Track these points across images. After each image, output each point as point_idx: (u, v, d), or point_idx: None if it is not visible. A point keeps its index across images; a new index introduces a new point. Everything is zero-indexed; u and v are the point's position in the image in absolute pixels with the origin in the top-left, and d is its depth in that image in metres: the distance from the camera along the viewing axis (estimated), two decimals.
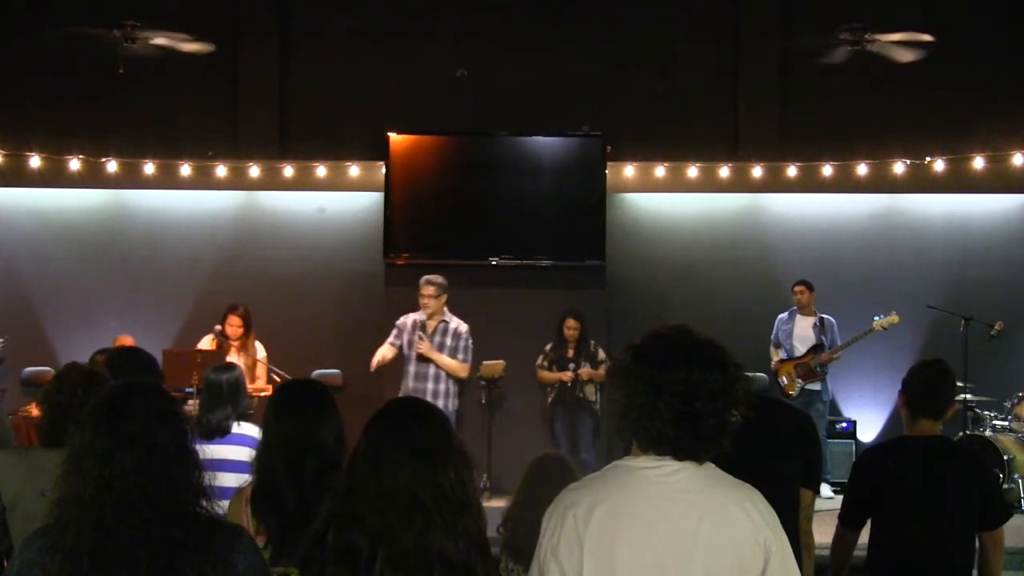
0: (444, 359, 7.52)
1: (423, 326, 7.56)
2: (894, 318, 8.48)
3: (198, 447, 4.14)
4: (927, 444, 3.79)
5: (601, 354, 8.38)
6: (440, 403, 7.48)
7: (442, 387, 7.57)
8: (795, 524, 3.60)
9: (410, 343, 7.59)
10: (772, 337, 9.01)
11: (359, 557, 2.21)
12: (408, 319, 7.67)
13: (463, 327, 7.64)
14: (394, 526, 2.21)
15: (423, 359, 7.53)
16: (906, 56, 9.08)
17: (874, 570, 3.80)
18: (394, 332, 7.71)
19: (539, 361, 8.52)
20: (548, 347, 8.52)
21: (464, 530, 2.27)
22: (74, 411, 3.32)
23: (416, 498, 2.23)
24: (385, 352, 7.65)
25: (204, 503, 2.28)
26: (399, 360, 7.89)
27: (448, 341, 7.56)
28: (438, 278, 7.62)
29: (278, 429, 3.07)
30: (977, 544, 3.82)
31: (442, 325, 7.59)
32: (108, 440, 2.20)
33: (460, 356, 7.57)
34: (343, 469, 2.35)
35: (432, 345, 7.50)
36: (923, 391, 3.83)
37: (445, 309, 7.66)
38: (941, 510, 3.67)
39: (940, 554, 3.67)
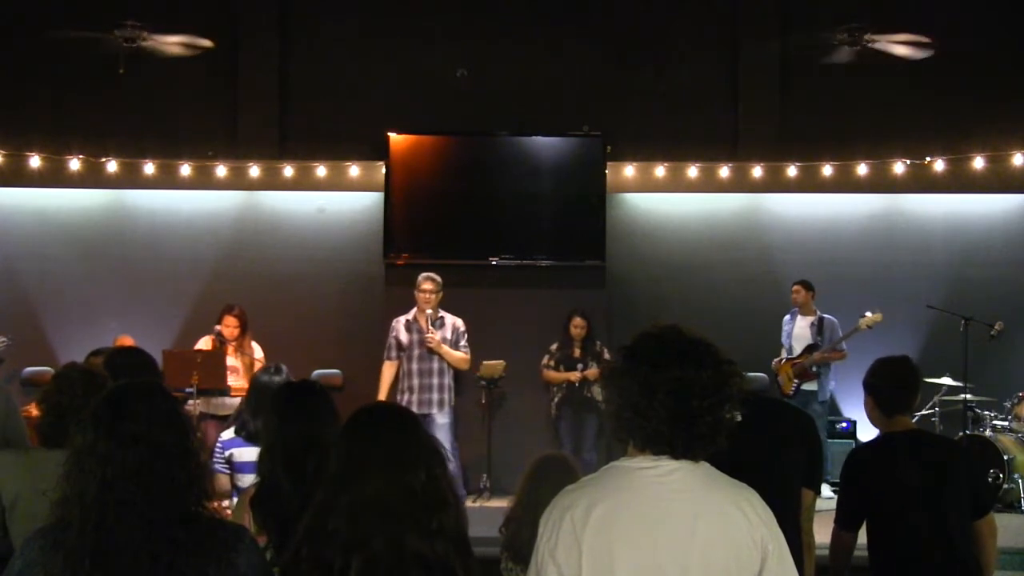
0: (452, 352, 7.67)
1: (432, 321, 7.64)
2: (877, 316, 8.52)
3: (240, 449, 4.15)
4: (912, 438, 3.83)
5: (607, 354, 8.37)
6: (446, 397, 7.71)
7: (446, 382, 7.71)
8: (797, 524, 3.61)
9: (408, 344, 7.64)
10: (781, 338, 9.07)
11: (332, 569, 2.20)
12: (399, 323, 7.79)
13: (459, 320, 7.83)
14: (367, 534, 2.20)
15: (426, 357, 7.60)
16: (905, 51, 9.07)
17: (879, 570, 3.80)
18: (388, 346, 7.82)
19: (545, 360, 8.51)
20: (554, 347, 8.52)
21: (439, 529, 2.25)
22: (74, 412, 3.32)
23: (385, 503, 2.22)
24: (389, 378, 7.79)
25: (206, 503, 2.28)
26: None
27: (449, 335, 7.72)
28: (436, 275, 7.77)
29: (279, 430, 3.07)
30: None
31: (439, 320, 7.70)
32: (110, 441, 2.20)
33: (463, 348, 7.75)
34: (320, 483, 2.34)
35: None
36: (898, 392, 3.86)
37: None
38: (938, 502, 3.69)
39: (943, 546, 3.68)
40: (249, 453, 4.14)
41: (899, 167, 9.63)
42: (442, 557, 2.24)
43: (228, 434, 4.36)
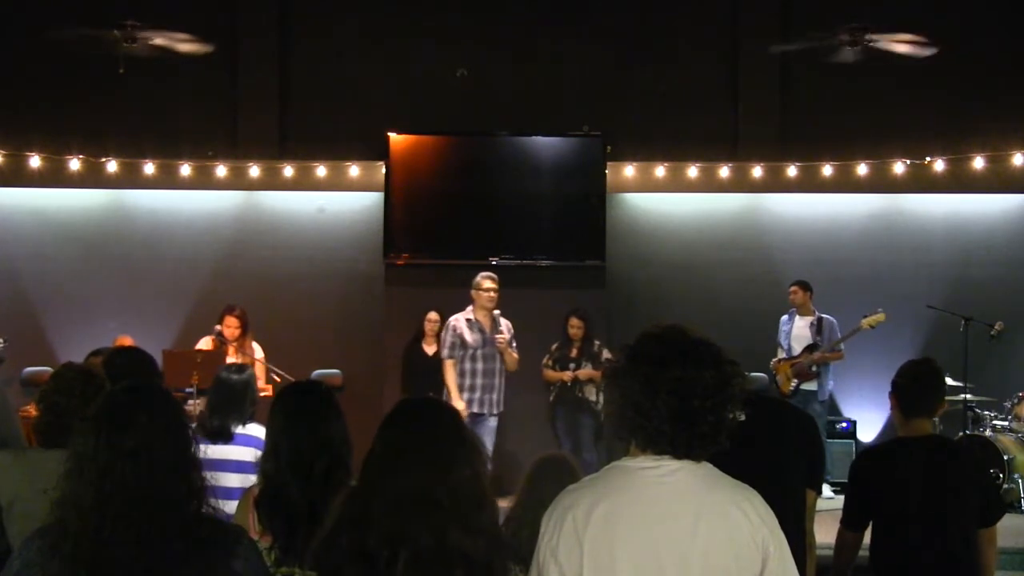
0: (513, 353, 7.59)
1: (497, 320, 7.54)
2: (880, 316, 8.50)
3: (200, 447, 4.12)
4: (925, 443, 3.81)
5: (606, 354, 8.36)
6: (503, 397, 7.61)
7: (504, 383, 7.61)
8: (799, 524, 3.60)
9: (474, 343, 7.46)
10: (777, 338, 9.04)
11: (377, 559, 2.20)
12: (459, 322, 7.54)
13: (508, 322, 7.68)
14: (411, 527, 2.20)
15: (491, 357, 7.50)
16: (907, 49, 9.06)
17: (879, 571, 3.80)
18: (452, 345, 7.50)
19: (544, 360, 8.53)
20: (554, 346, 8.52)
21: (481, 527, 2.26)
22: (71, 411, 3.31)
23: (432, 498, 2.22)
24: (456, 376, 7.48)
25: (204, 507, 2.26)
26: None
27: (506, 335, 7.59)
28: (494, 273, 7.68)
29: (286, 431, 3.06)
30: None
31: (494, 320, 7.61)
32: (109, 452, 2.18)
33: (515, 349, 7.66)
34: (352, 470, 2.33)
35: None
36: (917, 391, 3.85)
37: None
38: (943, 509, 3.68)
39: (945, 554, 3.67)
40: (211, 451, 4.12)
41: (899, 167, 9.64)
42: (484, 554, 2.24)
43: None
